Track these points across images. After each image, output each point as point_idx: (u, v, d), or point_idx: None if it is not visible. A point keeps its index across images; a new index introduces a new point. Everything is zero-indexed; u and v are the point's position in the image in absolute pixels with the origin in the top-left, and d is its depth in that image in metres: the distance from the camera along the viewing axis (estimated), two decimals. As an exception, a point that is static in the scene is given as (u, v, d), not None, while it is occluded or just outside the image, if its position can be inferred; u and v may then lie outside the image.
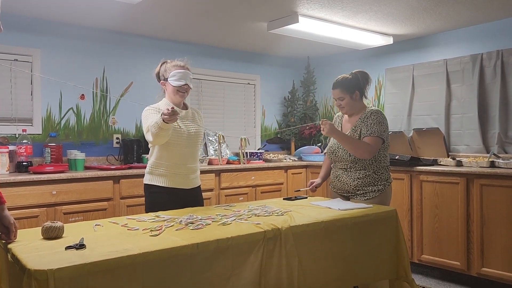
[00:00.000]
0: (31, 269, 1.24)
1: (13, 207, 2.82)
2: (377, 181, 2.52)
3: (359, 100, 2.61)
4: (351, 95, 2.56)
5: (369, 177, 2.51)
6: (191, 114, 2.48)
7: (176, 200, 2.34)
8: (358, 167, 2.52)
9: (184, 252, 1.53)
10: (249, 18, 3.60)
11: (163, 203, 2.29)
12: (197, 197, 2.50)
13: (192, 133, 2.40)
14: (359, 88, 2.59)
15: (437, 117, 4.05)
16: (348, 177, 2.55)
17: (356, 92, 2.57)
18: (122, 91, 3.99)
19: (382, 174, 2.54)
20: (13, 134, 3.40)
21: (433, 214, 3.42)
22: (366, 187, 2.51)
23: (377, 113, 2.54)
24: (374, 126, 2.49)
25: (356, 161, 2.51)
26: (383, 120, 2.53)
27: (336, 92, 2.59)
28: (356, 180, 2.52)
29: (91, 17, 3.49)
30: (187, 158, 2.39)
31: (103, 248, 1.46)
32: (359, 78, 2.60)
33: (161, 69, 2.41)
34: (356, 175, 2.53)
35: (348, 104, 2.57)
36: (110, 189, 3.25)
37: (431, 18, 3.61)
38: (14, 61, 3.43)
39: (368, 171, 2.51)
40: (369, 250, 2.16)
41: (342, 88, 2.57)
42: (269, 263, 1.76)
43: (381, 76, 4.59)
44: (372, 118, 2.52)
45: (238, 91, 4.86)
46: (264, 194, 4.13)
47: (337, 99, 2.60)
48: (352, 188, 2.54)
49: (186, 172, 2.40)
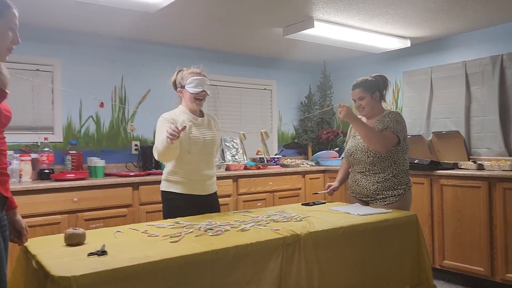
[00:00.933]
0: (54, 275, 1.27)
1: (36, 214, 2.88)
2: (397, 185, 2.49)
3: (378, 102, 2.60)
4: (371, 95, 2.56)
5: (389, 181, 2.48)
6: (207, 121, 2.48)
7: (193, 206, 2.34)
8: (376, 170, 2.50)
9: (204, 259, 1.54)
10: (265, 24, 3.62)
11: (180, 210, 2.30)
12: (213, 203, 2.50)
13: (208, 140, 2.40)
14: (379, 90, 2.59)
15: (456, 120, 3.99)
16: (367, 181, 2.53)
17: (376, 93, 2.57)
18: (140, 98, 4.05)
19: (402, 178, 2.51)
20: (35, 142, 3.48)
21: (455, 219, 3.35)
22: (386, 191, 2.48)
23: (395, 113, 2.54)
24: (390, 123, 2.48)
25: (375, 163, 2.48)
26: (400, 120, 2.51)
27: (356, 92, 2.59)
28: (376, 184, 2.49)
29: (110, 26, 3.56)
30: (203, 165, 2.40)
31: (124, 255, 1.48)
32: (379, 81, 2.61)
33: (178, 77, 2.43)
34: (375, 179, 2.50)
35: (368, 104, 2.56)
36: (130, 196, 3.29)
37: (449, 20, 3.57)
38: (36, 71, 3.52)
39: (387, 174, 2.48)
40: (390, 256, 2.13)
41: (363, 88, 2.57)
42: (289, 269, 1.76)
43: (398, 80, 4.54)
44: (390, 116, 2.51)
45: (254, 97, 4.88)
46: (282, 199, 4.12)
47: (358, 99, 2.59)
48: (371, 192, 2.51)
49: (202, 178, 2.40)
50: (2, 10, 1.52)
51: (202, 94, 2.37)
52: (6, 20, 1.52)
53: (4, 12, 1.52)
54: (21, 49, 3.42)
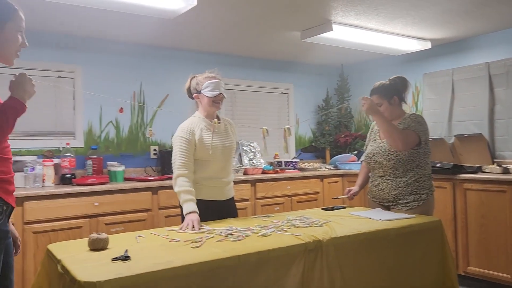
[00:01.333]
0: (81, 280, 1.28)
1: (58, 218, 2.93)
2: (420, 189, 2.44)
3: (397, 106, 2.55)
4: (389, 100, 2.52)
5: (411, 185, 2.43)
6: (224, 127, 2.47)
7: (211, 212, 2.33)
8: (398, 174, 2.45)
9: (226, 264, 1.53)
10: (282, 28, 3.61)
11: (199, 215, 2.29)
12: (231, 208, 2.49)
13: (226, 146, 2.40)
14: (398, 93, 2.54)
15: (479, 123, 3.90)
16: (388, 186, 2.48)
17: (394, 97, 2.53)
18: (158, 103, 4.08)
19: (425, 182, 2.46)
20: (57, 147, 3.54)
21: (479, 224, 3.27)
22: (408, 196, 2.43)
23: (416, 115, 2.50)
24: (411, 123, 2.43)
25: (396, 167, 2.44)
26: (422, 122, 2.46)
27: (374, 98, 2.54)
28: (397, 189, 2.45)
29: (129, 33, 3.60)
30: (221, 172, 2.39)
31: (147, 260, 1.49)
32: (398, 84, 2.56)
33: (192, 83, 2.42)
34: (396, 184, 2.45)
35: (386, 109, 2.52)
36: (149, 200, 3.31)
37: (472, 21, 3.50)
38: (58, 78, 3.59)
39: (409, 178, 2.43)
40: (413, 262, 2.09)
41: (380, 94, 2.53)
42: (311, 276, 1.74)
43: (418, 82, 4.47)
44: (411, 118, 2.47)
45: (271, 101, 4.87)
46: (300, 203, 4.09)
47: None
48: (393, 197, 2.47)
49: (220, 185, 2.40)
50: (11, 13, 1.52)
51: (220, 97, 2.37)
52: (15, 24, 1.53)
53: (13, 16, 1.52)
54: (44, 56, 3.52)
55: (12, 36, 1.53)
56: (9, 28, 1.51)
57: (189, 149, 2.29)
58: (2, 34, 1.50)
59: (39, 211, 2.86)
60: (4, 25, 1.50)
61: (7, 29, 1.51)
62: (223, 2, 2.95)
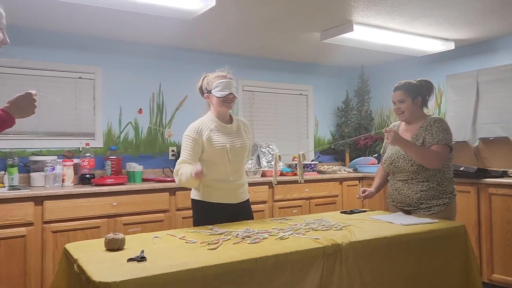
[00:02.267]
0: (96, 281, 1.28)
1: (77, 218, 2.95)
2: (442, 194, 2.36)
3: (419, 107, 2.48)
4: (413, 99, 2.45)
5: (433, 190, 2.36)
6: (236, 127, 2.39)
7: (224, 215, 2.26)
8: (420, 179, 2.38)
9: (243, 267, 1.50)
10: (302, 29, 3.57)
11: (210, 219, 2.21)
12: (246, 210, 2.40)
13: (237, 147, 2.31)
14: (422, 95, 2.48)
15: (506, 126, 3.77)
16: (409, 190, 2.41)
17: (418, 97, 2.46)
18: (177, 104, 4.09)
19: (447, 186, 2.38)
20: (77, 148, 3.58)
21: (505, 230, 3.16)
22: (430, 200, 2.36)
23: (441, 121, 2.41)
24: (440, 134, 2.35)
25: (419, 171, 2.37)
26: (448, 128, 2.39)
27: (397, 94, 2.47)
28: (419, 193, 2.38)
29: (148, 34, 3.62)
30: (233, 174, 2.29)
31: (163, 261, 1.47)
32: (424, 86, 2.50)
33: (203, 83, 2.37)
34: (418, 188, 2.38)
35: (408, 108, 2.45)
36: (167, 201, 3.31)
37: (497, 21, 3.39)
38: (79, 79, 3.63)
39: (431, 183, 2.36)
40: (436, 269, 2.02)
41: (405, 90, 2.46)
42: (329, 280, 1.69)
43: (441, 84, 4.36)
44: (437, 125, 2.38)
45: (290, 102, 4.83)
46: (318, 206, 4.03)
47: (398, 101, 2.47)
48: (414, 201, 2.40)
49: (233, 187, 2.32)
50: None
51: (230, 97, 2.28)
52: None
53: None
54: (65, 57, 3.57)
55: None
56: None
57: (194, 148, 2.24)
58: None
59: (58, 210, 2.89)
60: None
61: None
62: (241, 3, 2.93)
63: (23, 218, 2.78)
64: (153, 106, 3.99)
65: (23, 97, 1.58)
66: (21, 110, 1.57)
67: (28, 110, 1.60)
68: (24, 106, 1.58)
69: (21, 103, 1.57)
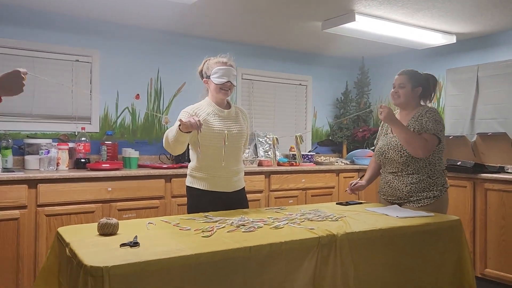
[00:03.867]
0: (87, 265, 1.26)
1: (71, 202, 2.93)
2: (432, 186, 2.34)
3: (417, 97, 2.45)
4: (413, 87, 2.42)
5: (424, 182, 2.34)
6: (234, 113, 2.35)
7: (219, 203, 2.23)
8: (410, 171, 2.36)
9: (237, 255, 1.49)
10: (303, 17, 3.52)
11: (205, 207, 2.19)
12: (241, 200, 2.37)
13: (234, 133, 2.27)
14: (424, 86, 2.45)
15: (504, 121, 3.76)
16: (399, 182, 2.39)
17: (419, 87, 2.43)
18: (175, 91, 4.05)
19: (438, 178, 2.36)
20: (72, 132, 3.55)
21: (499, 226, 3.16)
22: (420, 193, 2.34)
23: (432, 111, 2.38)
24: (429, 124, 2.31)
25: (408, 163, 2.35)
26: (439, 119, 2.35)
27: (400, 77, 2.44)
28: (409, 186, 2.36)
29: (147, 18, 3.57)
30: (229, 160, 2.24)
31: (156, 247, 1.45)
32: (429, 79, 2.47)
33: (204, 67, 2.32)
34: (408, 180, 2.36)
35: (405, 94, 2.41)
36: (162, 188, 3.29)
37: (500, 15, 3.35)
38: (76, 62, 3.58)
39: (421, 175, 2.34)
40: (430, 262, 2.01)
41: (408, 76, 2.42)
42: (324, 271, 1.68)
43: (441, 77, 4.34)
44: (428, 116, 2.35)
45: (289, 92, 4.79)
46: (314, 197, 4.03)
47: (398, 85, 2.43)
48: (404, 194, 2.38)
49: (228, 174, 2.28)
50: None
51: (227, 85, 2.25)
52: None
53: None
54: (62, 40, 3.52)
55: None
56: None
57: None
58: None
59: (52, 194, 2.87)
60: None
61: None
62: (243, -11, 2.89)
63: (17, 201, 2.76)
64: (151, 91, 3.95)
65: (10, 74, 1.55)
66: (7, 88, 1.55)
67: (15, 88, 1.57)
68: (10, 85, 1.55)
69: (8, 81, 1.54)
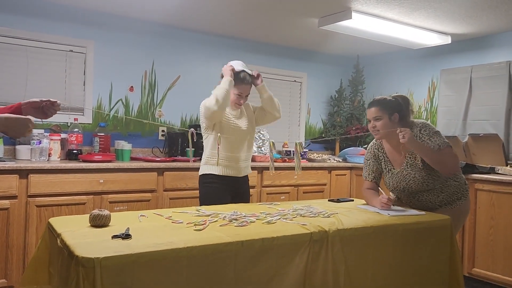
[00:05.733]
0: (79, 256, 1.25)
1: (62, 193, 2.91)
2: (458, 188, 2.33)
3: (397, 124, 2.25)
4: (389, 116, 2.24)
5: (451, 187, 2.31)
6: (240, 111, 2.69)
7: (228, 187, 2.58)
8: (437, 188, 2.31)
9: (228, 249, 1.49)
10: (300, 14, 3.52)
11: (217, 191, 2.55)
12: (245, 184, 2.72)
13: (244, 128, 2.62)
14: (399, 111, 2.28)
15: (496, 123, 3.80)
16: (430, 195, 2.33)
17: (395, 114, 2.26)
18: (169, 84, 4.03)
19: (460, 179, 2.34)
20: (65, 122, 3.51)
21: (488, 226, 3.20)
22: (451, 196, 2.32)
23: (424, 126, 2.25)
24: (435, 139, 2.20)
25: (433, 185, 2.27)
26: (435, 128, 2.27)
27: (372, 110, 2.27)
28: (440, 196, 2.31)
29: (144, 10, 3.54)
30: (240, 150, 2.61)
31: (148, 240, 1.45)
32: (400, 102, 2.31)
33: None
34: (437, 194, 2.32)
35: (385, 126, 2.24)
36: (154, 181, 3.28)
37: (495, 16, 3.38)
38: (70, 52, 3.55)
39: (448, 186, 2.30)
40: (420, 260, 2.04)
41: (381, 106, 2.25)
42: (314, 266, 1.70)
43: (435, 77, 4.37)
44: (425, 132, 2.22)
45: (284, 89, 4.79)
46: (306, 194, 4.04)
47: (373, 119, 2.27)
48: (437, 204, 2.33)
49: (238, 163, 2.60)
50: None
51: (241, 102, 2.61)
52: None
53: None
54: (56, 29, 3.48)
55: None
56: None
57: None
58: None
59: (43, 184, 2.85)
60: None
61: None
62: (240, -17, 2.87)
63: (7, 191, 2.73)
64: (145, 84, 3.92)
65: (20, 120, 1.50)
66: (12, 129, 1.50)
67: (18, 133, 1.53)
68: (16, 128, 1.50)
69: (16, 124, 1.49)
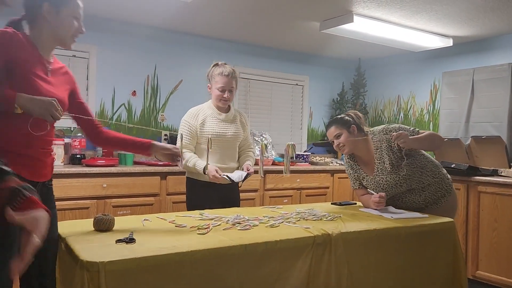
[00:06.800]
0: (83, 260, 1.26)
1: (66, 198, 2.92)
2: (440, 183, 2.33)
3: (358, 134, 2.35)
4: (348, 129, 2.34)
5: (432, 186, 2.32)
6: (233, 116, 2.56)
7: (215, 194, 2.48)
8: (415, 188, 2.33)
9: (232, 253, 1.49)
10: (301, 17, 3.53)
11: (202, 197, 2.46)
12: (233, 190, 2.58)
13: (229, 136, 2.52)
14: (355, 124, 2.37)
15: (499, 125, 3.79)
16: (413, 195, 2.36)
17: (352, 126, 2.35)
18: (171, 88, 4.05)
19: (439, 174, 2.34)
20: (68, 127, 3.53)
21: (492, 228, 3.19)
22: (435, 194, 2.33)
23: (389, 129, 2.29)
24: (404, 131, 2.20)
25: (410, 185, 2.31)
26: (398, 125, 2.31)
27: (332, 130, 2.36)
28: (423, 195, 2.33)
29: (146, 15, 3.56)
30: (225, 159, 2.52)
31: (152, 244, 1.46)
32: (352, 116, 2.41)
33: (210, 72, 2.52)
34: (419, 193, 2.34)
35: (347, 140, 2.32)
36: (157, 185, 3.29)
37: (497, 19, 3.38)
38: (72, 57, 3.57)
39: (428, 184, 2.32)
40: (423, 263, 2.03)
41: (337, 124, 2.36)
42: (318, 270, 1.70)
43: (437, 80, 4.37)
44: (393, 132, 2.23)
45: (286, 92, 4.80)
46: (309, 197, 4.04)
47: (335, 138, 2.35)
48: (421, 204, 2.35)
49: (224, 171, 2.48)
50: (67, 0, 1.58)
51: (226, 97, 2.47)
52: (70, 9, 1.59)
53: (67, 2, 1.58)
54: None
55: (67, 21, 1.59)
56: (64, 14, 1.57)
57: (190, 133, 2.48)
58: (57, 18, 1.56)
59: (47, 189, 2.85)
60: (59, 10, 1.56)
61: (62, 14, 1.57)
62: (242, -13, 2.89)
63: (11, 196, 2.74)
64: (148, 88, 3.94)
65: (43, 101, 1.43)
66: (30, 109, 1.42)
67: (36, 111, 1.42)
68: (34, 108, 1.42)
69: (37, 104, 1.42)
